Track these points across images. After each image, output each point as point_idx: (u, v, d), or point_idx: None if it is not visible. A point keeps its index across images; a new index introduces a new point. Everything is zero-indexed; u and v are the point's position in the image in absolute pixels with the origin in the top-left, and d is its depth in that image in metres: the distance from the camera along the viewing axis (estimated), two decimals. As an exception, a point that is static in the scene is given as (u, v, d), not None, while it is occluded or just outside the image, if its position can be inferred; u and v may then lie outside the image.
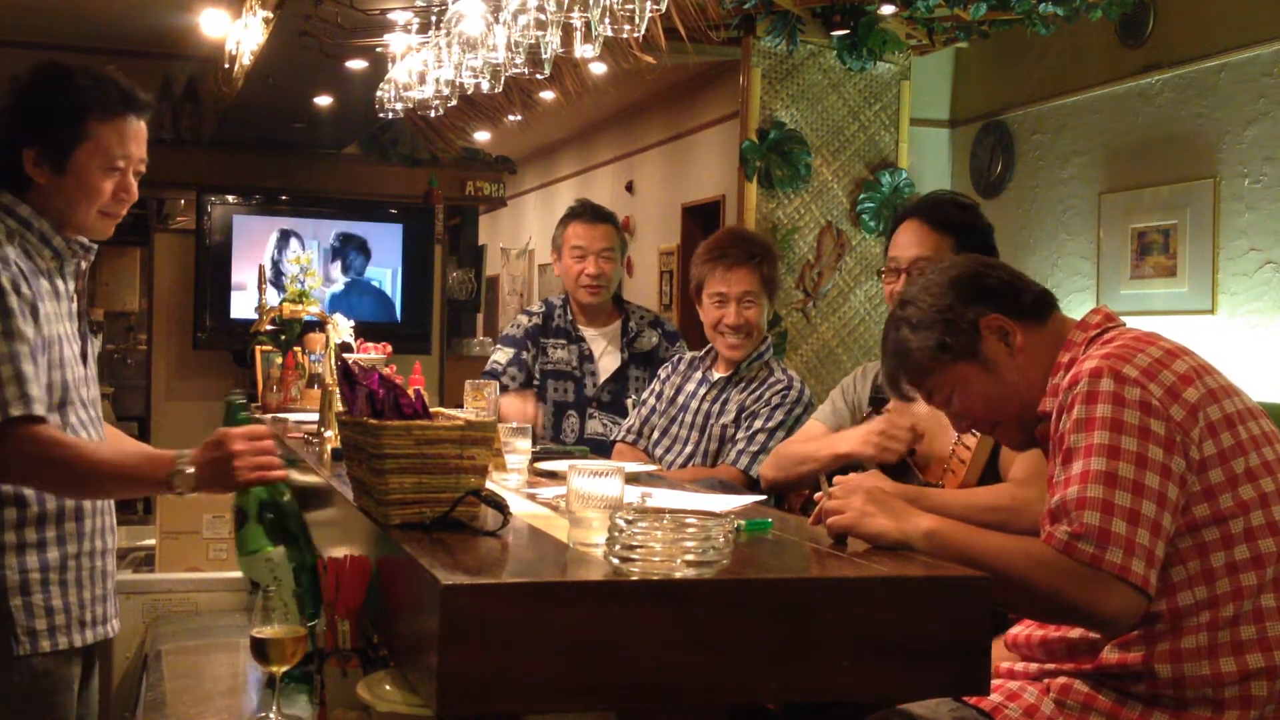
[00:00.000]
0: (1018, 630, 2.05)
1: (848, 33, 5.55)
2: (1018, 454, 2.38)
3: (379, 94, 3.69)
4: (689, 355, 3.54)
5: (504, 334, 4.05)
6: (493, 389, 2.72)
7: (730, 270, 3.27)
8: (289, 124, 7.16)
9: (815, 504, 2.00)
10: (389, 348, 3.40)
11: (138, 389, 8.67)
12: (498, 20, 2.77)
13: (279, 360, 4.10)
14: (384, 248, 8.02)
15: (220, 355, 7.59)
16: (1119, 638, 1.87)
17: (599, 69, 5.76)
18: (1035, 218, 6.46)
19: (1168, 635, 1.84)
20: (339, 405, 2.13)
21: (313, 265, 4.35)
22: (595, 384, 3.87)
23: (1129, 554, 1.76)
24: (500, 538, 1.79)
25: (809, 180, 5.70)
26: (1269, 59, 5.25)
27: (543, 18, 2.51)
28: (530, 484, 2.42)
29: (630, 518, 1.59)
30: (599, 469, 1.76)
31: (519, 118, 7.01)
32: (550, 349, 3.88)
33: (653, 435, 3.44)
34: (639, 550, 1.55)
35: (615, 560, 1.56)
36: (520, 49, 2.64)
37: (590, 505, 1.73)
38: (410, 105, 3.54)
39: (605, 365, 3.90)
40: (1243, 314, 5.32)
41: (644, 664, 1.50)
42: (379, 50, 4.35)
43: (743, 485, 3.03)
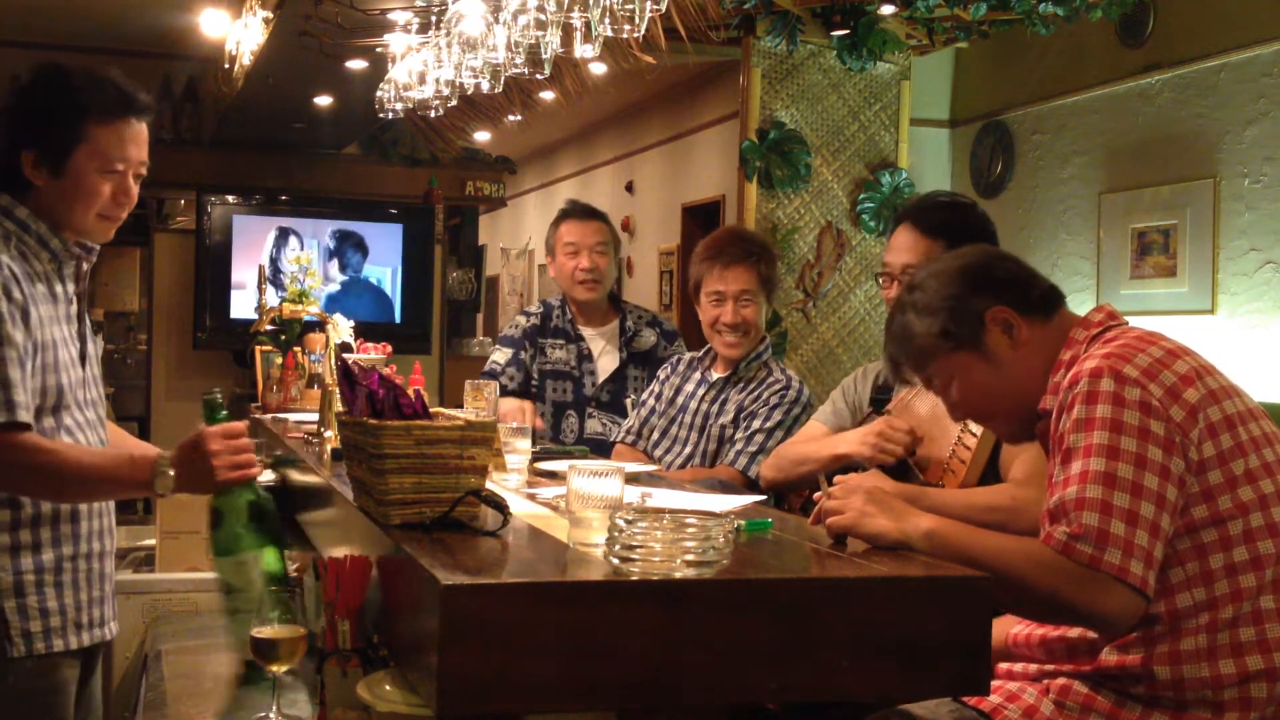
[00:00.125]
0: (1018, 629, 2.05)
1: (848, 33, 5.55)
2: (1018, 454, 2.38)
3: (379, 94, 3.69)
4: (688, 356, 3.54)
5: (502, 335, 4.05)
6: (492, 389, 2.72)
7: (727, 269, 3.27)
8: (289, 124, 7.16)
9: (815, 504, 2.00)
10: (389, 348, 3.40)
11: (138, 389, 8.66)
12: (498, 20, 2.77)
13: (279, 360, 4.10)
14: (384, 248, 8.02)
15: (220, 355, 7.60)
16: (1118, 639, 1.87)
17: (599, 69, 5.76)
18: (1035, 218, 6.46)
19: (1166, 637, 1.83)
20: (339, 405, 2.13)
21: (313, 265, 4.35)
22: (594, 384, 3.87)
23: (1127, 555, 1.76)
24: (500, 538, 1.79)
25: (809, 180, 5.70)
26: (1269, 59, 5.25)
27: (543, 18, 2.50)
28: (530, 484, 2.42)
29: (630, 518, 1.59)
30: (599, 469, 1.76)
31: (519, 118, 7.01)
32: (549, 349, 3.88)
33: (652, 436, 3.43)
34: (639, 550, 1.55)
35: (615, 560, 1.56)
36: (520, 49, 2.64)
37: (590, 505, 1.73)
38: (410, 105, 3.54)
39: (604, 365, 3.90)
40: (1243, 314, 5.32)
41: (644, 664, 1.50)
42: (379, 50, 4.35)
43: (741, 485, 3.03)
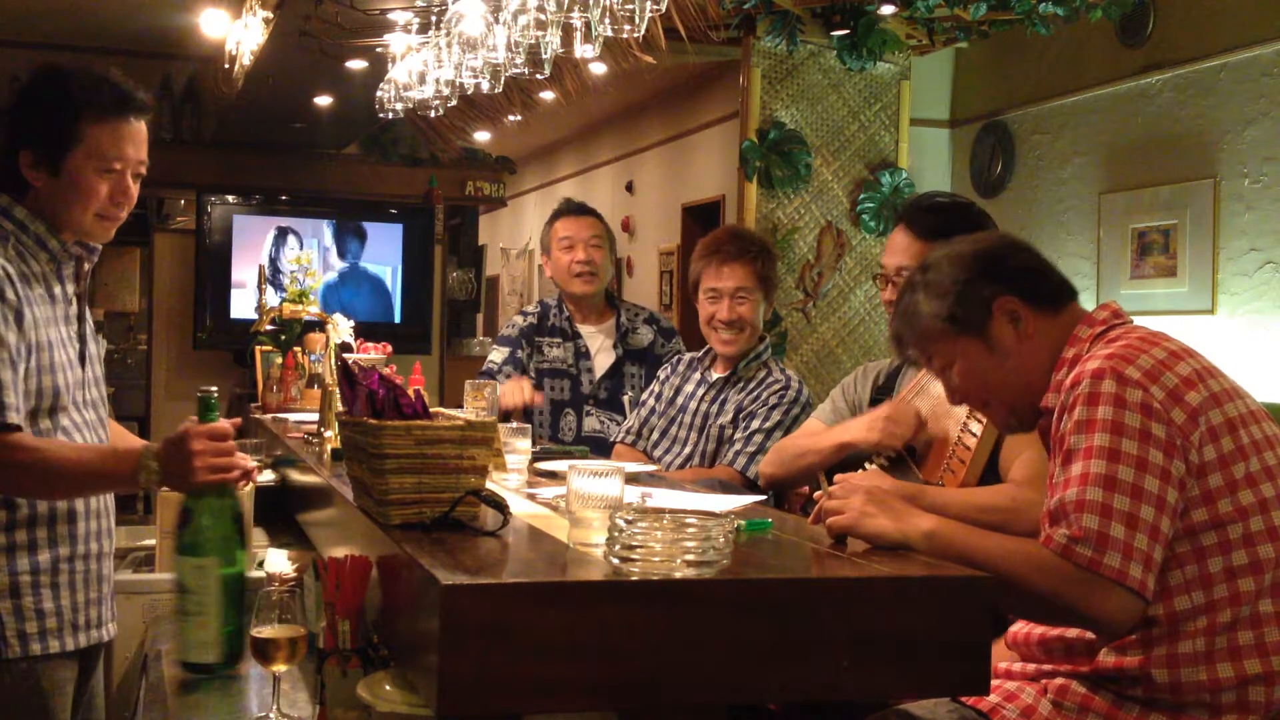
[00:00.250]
0: (1017, 628, 2.05)
1: (848, 33, 5.55)
2: (1018, 455, 2.37)
3: (379, 94, 3.69)
4: (688, 356, 3.54)
5: (500, 334, 4.07)
6: (492, 389, 2.72)
7: (724, 265, 3.29)
8: (289, 124, 7.16)
9: (815, 503, 2.00)
10: (389, 348, 3.40)
11: (138, 389, 8.65)
12: (498, 20, 2.77)
13: (279, 360, 4.10)
14: (384, 248, 8.03)
15: (220, 355, 7.59)
16: (1116, 641, 1.87)
17: (599, 69, 5.76)
18: (1035, 218, 6.46)
19: (1165, 640, 1.83)
20: (339, 405, 2.13)
21: (313, 265, 4.35)
22: (591, 381, 3.88)
23: (1126, 558, 1.76)
24: (500, 538, 1.79)
25: (809, 180, 5.70)
26: (1269, 59, 5.25)
27: (543, 18, 2.50)
28: (530, 484, 2.42)
29: (630, 518, 1.59)
30: (599, 469, 1.76)
31: (519, 118, 7.02)
32: (546, 348, 3.89)
33: (652, 436, 3.44)
34: (639, 550, 1.55)
35: (615, 560, 1.56)
36: (520, 49, 2.64)
37: (590, 505, 1.73)
38: (410, 105, 3.54)
39: (600, 362, 3.91)
40: (1243, 314, 5.32)
41: (644, 664, 1.50)
42: (379, 50, 4.35)
43: (741, 485, 3.03)
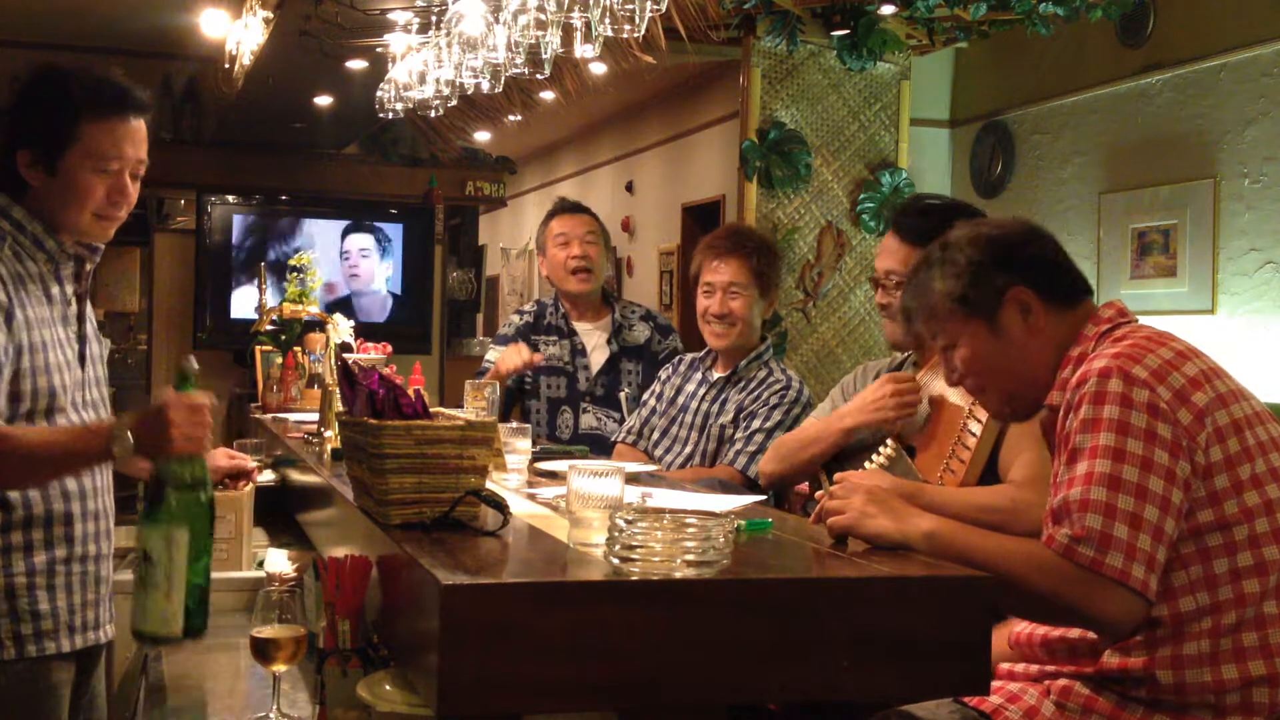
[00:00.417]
0: (1020, 628, 2.05)
1: (848, 33, 5.55)
2: (1017, 455, 2.37)
3: (379, 94, 3.69)
4: (689, 356, 3.55)
5: (498, 333, 4.08)
6: (492, 389, 2.73)
7: (719, 260, 3.32)
8: (289, 124, 7.16)
9: (815, 503, 1.99)
10: (389, 348, 3.41)
11: (138, 389, 8.66)
12: (498, 20, 2.77)
13: (279, 360, 4.11)
14: (390, 250, 8.03)
15: (220, 355, 7.59)
16: (1119, 642, 1.87)
17: (599, 69, 5.76)
18: (1035, 218, 6.40)
19: (1169, 641, 1.83)
20: (339, 405, 2.13)
21: (313, 265, 4.35)
22: (588, 378, 3.88)
23: (1129, 559, 1.76)
24: (500, 538, 1.79)
25: (809, 180, 5.70)
26: (1269, 59, 5.25)
27: (543, 18, 2.50)
28: (530, 484, 2.42)
29: (630, 518, 1.59)
30: (599, 469, 1.77)
31: (519, 118, 7.02)
32: (543, 346, 3.89)
33: (652, 436, 3.44)
34: (639, 550, 1.55)
35: (615, 560, 1.56)
36: (520, 49, 2.64)
37: (590, 505, 1.73)
38: (410, 105, 3.54)
39: (597, 360, 3.92)
40: (1243, 314, 5.32)
41: (644, 664, 1.50)
42: (379, 50, 4.35)
43: (741, 485, 3.03)
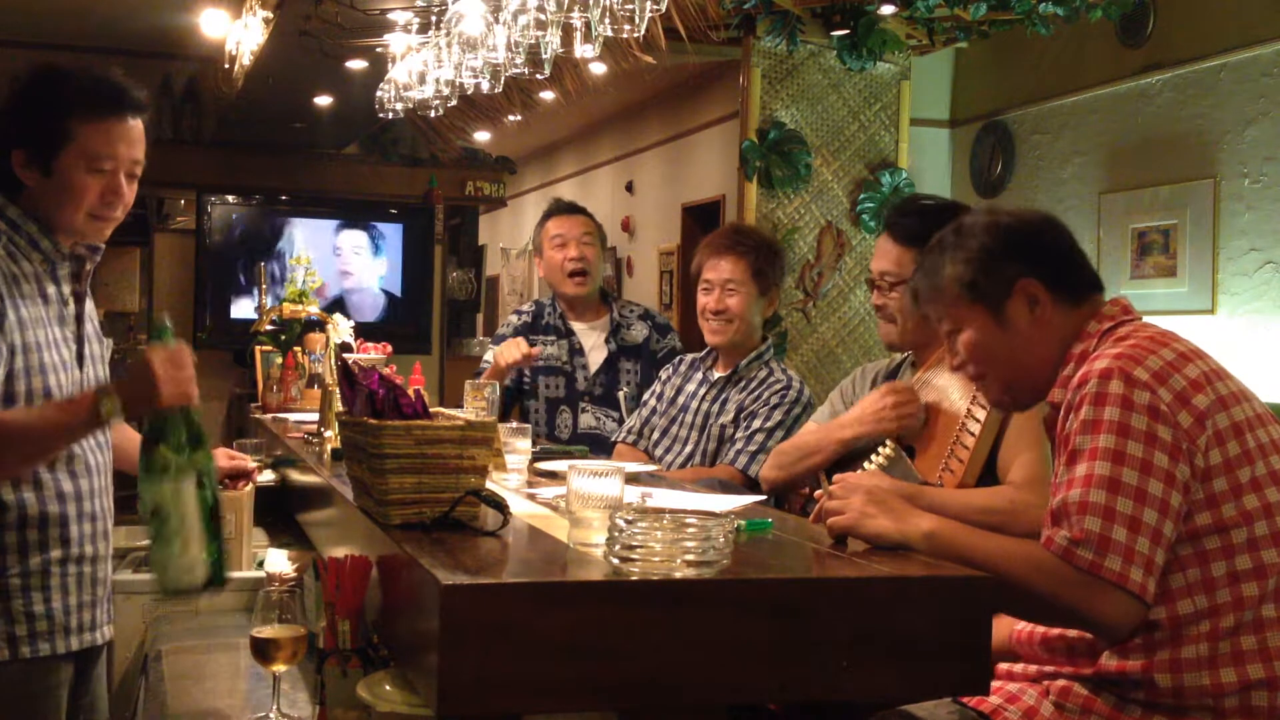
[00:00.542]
0: (1021, 627, 2.05)
1: (848, 33, 5.55)
2: (1017, 456, 2.37)
3: (379, 94, 3.69)
4: (690, 356, 3.55)
5: (496, 334, 4.09)
6: (492, 389, 2.73)
7: (718, 257, 3.34)
8: (289, 124, 7.16)
9: (815, 503, 1.99)
10: (389, 348, 3.40)
11: (138, 389, 8.66)
12: (498, 20, 2.77)
13: (279, 360, 4.11)
14: (384, 247, 8.03)
15: (220, 355, 7.59)
16: (1117, 644, 1.87)
17: (599, 69, 5.76)
18: (1035, 218, 6.45)
19: (1167, 644, 1.82)
20: (339, 405, 2.13)
21: (313, 265, 4.36)
22: (586, 378, 3.88)
23: (1128, 561, 1.75)
24: (500, 538, 1.79)
25: (809, 180, 5.70)
26: (1269, 59, 5.25)
27: (543, 18, 2.51)
28: (530, 484, 2.42)
29: (630, 518, 1.59)
30: (599, 469, 1.76)
31: (519, 118, 7.02)
32: (541, 345, 3.89)
33: (653, 436, 3.45)
34: (639, 550, 1.55)
35: (615, 560, 1.56)
36: (520, 49, 2.64)
37: (590, 505, 1.73)
38: (410, 105, 3.55)
39: (595, 359, 3.92)
40: (1243, 314, 5.32)
41: (644, 664, 1.50)
42: (379, 50, 4.35)
43: (741, 485, 3.03)
